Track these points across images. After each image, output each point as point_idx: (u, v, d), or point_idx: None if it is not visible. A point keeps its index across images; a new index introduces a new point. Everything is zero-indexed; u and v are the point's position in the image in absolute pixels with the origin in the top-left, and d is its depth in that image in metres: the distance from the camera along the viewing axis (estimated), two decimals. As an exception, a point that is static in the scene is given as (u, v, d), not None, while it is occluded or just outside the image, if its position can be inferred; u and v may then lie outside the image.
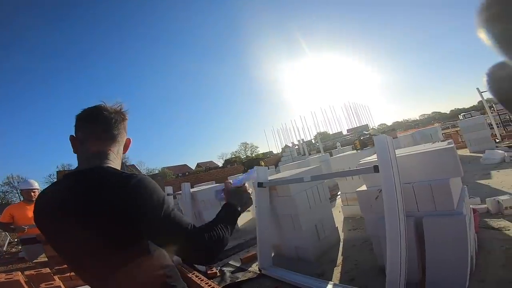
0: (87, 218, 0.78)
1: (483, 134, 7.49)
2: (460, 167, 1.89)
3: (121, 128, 0.97)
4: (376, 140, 1.77)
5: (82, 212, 0.79)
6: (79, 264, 0.88)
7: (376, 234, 2.13)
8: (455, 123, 19.89)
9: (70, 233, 0.81)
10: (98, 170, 0.86)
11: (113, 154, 0.93)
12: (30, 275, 2.21)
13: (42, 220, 0.87)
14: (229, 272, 2.96)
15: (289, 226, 2.93)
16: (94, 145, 0.91)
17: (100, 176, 0.84)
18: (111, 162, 0.91)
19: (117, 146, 0.96)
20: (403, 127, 46.12)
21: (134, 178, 0.82)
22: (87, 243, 0.79)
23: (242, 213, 1.04)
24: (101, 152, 0.91)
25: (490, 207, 2.93)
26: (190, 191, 4.27)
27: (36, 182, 3.81)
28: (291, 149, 19.72)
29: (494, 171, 4.82)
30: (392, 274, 1.64)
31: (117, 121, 0.95)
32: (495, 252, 2.12)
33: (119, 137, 0.96)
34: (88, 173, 0.85)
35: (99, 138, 0.92)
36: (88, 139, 0.91)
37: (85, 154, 0.90)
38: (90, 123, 0.92)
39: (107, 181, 0.82)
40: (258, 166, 3.01)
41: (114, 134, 0.95)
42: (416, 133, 8.18)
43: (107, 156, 0.91)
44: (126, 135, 1.01)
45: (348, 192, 3.97)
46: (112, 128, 0.94)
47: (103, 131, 0.92)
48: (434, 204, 1.86)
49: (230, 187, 1.11)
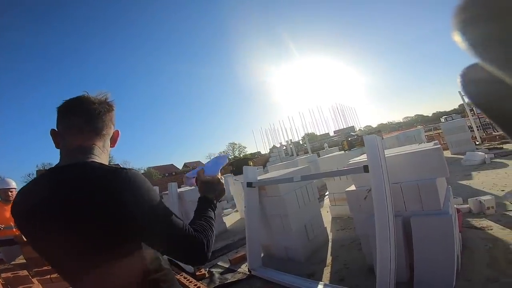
0: (69, 217, 0.71)
1: (464, 137, 7.74)
2: (446, 167, 1.94)
3: (106, 119, 0.87)
4: (366, 140, 1.79)
5: (63, 211, 0.72)
6: (62, 266, 0.81)
7: (365, 234, 2.15)
8: (437, 126, 20.51)
9: (50, 233, 0.73)
10: (82, 165, 0.77)
11: (98, 148, 0.84)
12: (7, 278, 2.11)
13: (21, 221, 0.79)
14: (218, 273, 2.92)
15: (279, 226, 2.93)
16: (77, 139, 0.81)
17: (84, 171, 0.76)
18: (96, 157, 0.82)
19: (103, 140, 0.87)
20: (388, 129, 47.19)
21: (124, 172, 0.75)
22: (69, 244, 0.72)
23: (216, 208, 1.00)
24: (84, 146, 0.82)
25: (472, 207, 3.01)
26: (177, 190, 4.21)
27: (14, 182, 3.68)
28: (279, 150, 19.77)
29: (475, 172, 4.98)
30: (382, 272, 1.66)
31: (101, 112, 0.85)
32: (479, 251, 2.17)
33: (104, 130, 0.86)
34: (70, 169, 0.77)
35: (82, 131, 0.82)
36: (70, 133, 0.82)
37: (67, 148, 0.81)
38: (71, 114, 0.83)
39: (92, 176, 0.74)
40: (247, 166, 2.99)
41: (99, 127, 0.85)
42: (400, 135, 8.37)
43: (91, 150, 0.82)
44: (114, 127, 0.92)
45: (336, 192, 4.01)
46: (96, 120, 0.84)
47: (86, 123, 0.83)
48: (421, 203, 1.89)
49: (204, 178, 1.03)
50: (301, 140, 25.15)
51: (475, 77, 0.30)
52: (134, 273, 0.79)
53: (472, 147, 7.41)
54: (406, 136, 7.94)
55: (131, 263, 0.78)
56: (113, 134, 0.92)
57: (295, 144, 22.51)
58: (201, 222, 0.86)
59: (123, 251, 0.76)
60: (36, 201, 0.76)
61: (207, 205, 0.96)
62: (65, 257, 0.76)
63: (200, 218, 0.89)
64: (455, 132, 7.84)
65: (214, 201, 0.99)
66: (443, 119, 18.81)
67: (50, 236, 0.74)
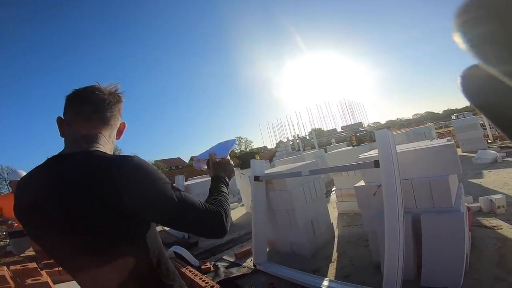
0: (70, 207, 0.69)
1: (476, 134, 7.57)
2: (459, 164, 1.89)
3: (115, 110, 0.86)
4: (377, 134, 1.75)
5: (64, 201, 0.70)
6: (62, 257, 0.79)
7: (373, 230, 2.12)
8: (448, 123, 20.15)
9: (51, 225, 0.72)
10: (86, 153, 0.76)
11: (104, 138, 0.83)
12: (16, 270, 2.13)
13: (20, 210, 0.77)
14: (223, 267, 2.93)
15: (285, 221, 2.91)
16: (83, 127, 0.81)
17: (87, 159, 0.74)
18: (100, 146, 0.81)
19: (109, 130, 0.86)
20: (397, 125, 46.62)
21: (129, 159, 0.73)
22: (69, 235, 0.70)
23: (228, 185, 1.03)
24: (90, 135, 0.81)
25: (483, 206, 2.96)
26: (184, 183, 4.22)
27: (25, 173, 3.70)
28: (285, 145, 19.72)
29: (486, 170, 4.88)
30: (389, 270, 1.63)
31: (110, 103, 0.84)
32: (488, 250, 2.13)
33: (112, 120, 0.86)
34: (73, 157, 0.75)
35: (89, 120, 0.81)
36: (77, 120, 0.81)
37: (72, 136, 0.80)
38: (80, 103, 0.82)
39: (95, 164, 0.72)
40: (254, 159, 2.97)
41: (107, 116, 0.84)
42: (410, 131, 8.22)
43: (96, 139, 0.81)
44: (121, 119, 0.91)
45: (343, 188, 3.97)
46: (104, 110, 0.83)
47: (94, 112, 0.82)
48: (432, 200, 1.85)
49: (215, 159, 1.09)
50: (308, 135, 25.02)
51: (475, 78, 0.30)
52: (136, 265, 0.76)
53: (484, 145, 7.25)
54: (416, 133, 7.80)
55: (134, 255, 0.76)
56: (119, 126, 0.91)
57: (302, 139, 22.41)
58: (217, 197, 0.89)
59: (125, 243, 0.74)
60: (36, 191, 0.74)
61: (220, 182, 0.99)
62: (65, 249, 0.74)
63: (215, 194, 0.92)
64: (467, 130, 7.67)
65: (226, 178, 1.04)
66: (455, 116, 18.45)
67: (51, 227, 0.72)
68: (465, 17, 0.27)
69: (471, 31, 0.27)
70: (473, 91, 0.31)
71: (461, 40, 0.27)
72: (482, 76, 0.28)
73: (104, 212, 0.69)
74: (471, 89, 0.31)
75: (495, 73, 0.27)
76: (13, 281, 1.96)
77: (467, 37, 0.27)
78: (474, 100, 0.32)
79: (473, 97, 0.31)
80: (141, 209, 0.72)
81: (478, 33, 0.27)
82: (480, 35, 0.27)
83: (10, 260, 3.71)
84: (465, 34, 0.27)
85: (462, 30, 0.27)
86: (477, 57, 0.27)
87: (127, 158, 0.74)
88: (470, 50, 0.27)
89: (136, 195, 0.70)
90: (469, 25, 0.27)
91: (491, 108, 0.31)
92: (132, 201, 0.69)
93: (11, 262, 3.29)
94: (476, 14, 0.26)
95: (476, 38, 0.27)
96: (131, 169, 0.72)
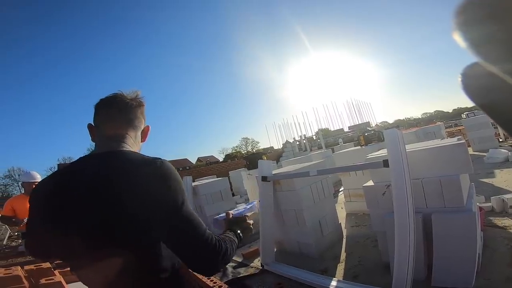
0: (95, 203, 0.73)
1: (487, 133, 7.42)
2: (471, 164, 1.86)
3: (137, 112, 0.95)
4: (386, 133, 1.73)
5: (91, 197, 0.74)
6: (75, 256, 0.81)
7: (382, 230, 2.10)
8: (458, 122, 19.79)
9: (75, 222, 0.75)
10: (115, 153, 0.83)
11: (131, 138, 0.91)
12: (30, 270, 2.16)
13: (39, 207, 0.81)
14: (231, 267, 2.93)
15: (293, 221, 2.90)
16: (110, 128, 0.89)
17: (115, 159, 0.80)
18: (127, 146, 0.88)
19: (134, 131, 0.94)
20: (405, 125, 45.99)
21: (159, 162, 0.78)
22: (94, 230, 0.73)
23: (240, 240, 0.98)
24: (117, 135, 0.88)
25: (495, 206, 2.91)
26: (192, 184, 4.24)
27: (39, 175, 3.74)
28: (292, 145, 19.66)
29: (498, 170, 4.78)
30: (399, 271, 1.61)
31: (133, 105, 0.93)
32: (500, 250, 2.10)
33: (136, 122, 0.94)
34: (103, 156, 0.82)
35: (115, 121, 0.90)
36: (104, 122, 0.90)
37: (102, 138, 0.89)
38: (106, 107, 0.91)
39: (124, 165, 0.78)
40: (261, 160, 2.97)
41: (131, 118, 0.92)
42: (419, 131, 8.12)
43: (123, 139, 0.88)
44: (145, 122, 0.99)
45: (352, 188, 3.94)
46: (128, 112, 0.92)
47: (119, 114, 0.90)
48: (443, 200, 1.82)
49: (231, 217, 1.06)
50: (314, 136, 24.88)
51: (476, 77, 0.30)
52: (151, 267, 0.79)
53: (495, 144, 7.12)
54: (425, 132, 7.70)
55: (149, 255, 0.78)
56: (144, 128, 0.99)
57: (309, 140, 22.31)
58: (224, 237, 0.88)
59: (143, 243, 0.76)
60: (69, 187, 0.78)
61: (231, 234, 0.95)
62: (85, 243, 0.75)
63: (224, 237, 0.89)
64: (478, 128, 7.52)
65: (239, 231, 0.99)
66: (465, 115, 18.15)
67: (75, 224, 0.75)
68: (465, 16, 0.27)
69: (471, 29, 0.27)
70: (474, 89, 0.32)
71: (461, 38, 0.27)
72: (483, 74, 0.28)
73: (127, 208, 0.72)
74: (472, 87, 0.32)
75: (495, 71, 0.27)
76: (27, 281, 1.99)
77: (467, 36, 0.27)
78: (475, 98, 0.32)
79: (474, 95, 0.32)
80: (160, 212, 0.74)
81: (478, 31, 0.27)
82: (480, 33, 0.27)
83: (22, 260, 3.78)
84: (465, 32, 0.27)
85: (462, 29, 0.27)
86: (478, 55, 0.27)
87: (157, 161, 0.79)
88: (471, 49, 0.27)
89: (154, 199, 0.74)
90: (469, 24, 0.27)
91: (492, 106, 0.32)
92: (155, 202, 0.73)
93: (24, 262, 3.34)
94: (476, 12, 0.27)
95: (477, 37, 0.27)
96: (159, 173, 0.77)
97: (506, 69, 0.26)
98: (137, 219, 0.72)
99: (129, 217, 0.72)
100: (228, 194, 4.97)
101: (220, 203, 4.65)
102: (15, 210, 3.46)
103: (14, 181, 37.51)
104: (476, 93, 0.32)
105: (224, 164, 18.61)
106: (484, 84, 0.30)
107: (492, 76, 0.27)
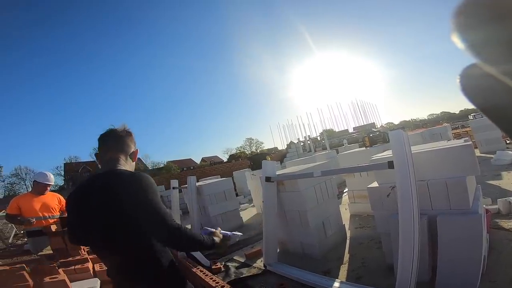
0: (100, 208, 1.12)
1: (494, 135, 7.30)
2: (477, 165, 1.83)
3: (127, 141, 1.34)
4: (391, 134, 1.72)
5: (97, 205, 1.12)
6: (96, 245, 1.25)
7: (386, 232, 2.08)
8: (464, 123, 19.55)
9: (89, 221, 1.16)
10: (113, 171, 1.22)
11: (123, 160, 1.29)
12: (34, 268, 2.19)
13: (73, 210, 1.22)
14: (234, 267, 2.93)
15: (296, 222, 2.89)
16: (108, 153, 1.29)
17: (110, 176, 1.19)
18: (121, 166, 1.26)
19: (125, 154, 1.32)
20: (411, 126, 45.60)
21: (136, 175, 1.18)
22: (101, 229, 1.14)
23: (211, 249, 1.29)
24: (113, 158, 1.27)
25: (502, 208, 2.87)
26: (196, 184, 4.25)
27: (53, 176, 3.74)
28: (296, 146, 19.63)
29: (505, 172, 4.71)
30: (403, 273, 1.59)
31: (122, 137, 1.33)
32: (506, 252, 2.07)
33: (125, 148, 1.32)
34: (104, 175, 1.22)
35: (111, 149, 1.29)
36: (105, 150, 1.30)
37: (103, 161, 1.29)
38: (105, 141, 1.31)
39: (115, 180, 1.16)
40: (265, 160, 2.96)
41: (122, 146, 1.31)
42: (425, 132, 8.03)
43: (118, 161, 1.27)
44: (135, 147, 1.37)
45: (356, 189, 3.91)
46: (119, 142, 1.31)
47: (113, 144, 1.30)
48: (449, 202, 1.80)
49: (218, 234, 1.38)
50: (319, 136, 24.81)
51: (474, 78, 0.30)
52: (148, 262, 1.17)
53: (503, 146, 7.00)
54: (431, 133, 7.61)
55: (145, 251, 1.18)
56: (133, 152, 1.36)
57: (313, 140, 22.24)
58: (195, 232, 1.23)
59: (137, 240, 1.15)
60: (81, 197, 1.20)
61: (207, 236, 1.28)
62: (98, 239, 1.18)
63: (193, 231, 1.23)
64: (485, 130, 7.39)
65: (214, 240, 1.30)
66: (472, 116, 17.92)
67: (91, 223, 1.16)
68: (464, 17, 0.27)
69: (469, 31, 0.27)
70: (472, 90, 0.31)
71: (459, 40, 0.27)
72: (481, 75, 0.28)
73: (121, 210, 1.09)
74: (470, 89, 0.31)
75: (494, 72, 0.27)
76: (31, 279, 2.01)
77: (465, 37, 0.27)
78: (473, 99, 0.32)
79: (473, 96, 0.32)
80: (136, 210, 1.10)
81: (477, 32, 0.27)
82: (479, 34, 0.27)
83: (27, 259, 3.80)
84: (464, 34, 0.27)
85: (461, 30, 0.27)
86: (477, 56, 0.27)
87: (135, 174, 1.19)
88: (469, 50, 0.27)
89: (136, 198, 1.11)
90: (468, 25, 0.27)
91: (491, 107, 0.32)
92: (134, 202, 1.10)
93: (29, 261, 3.36)
94: (475, 13, 0.26)
95: (475, 38, 0.27)
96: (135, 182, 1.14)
97: (505, 70, 0.26)
98: (128, 214, 1.08)
99: (123, 212, 1.08)
100: (232, 194, 4.97)
101: (224, 203, 4.66)
102: (20, 208, 3.47)
103: (21, 179, 38.01)
104: (474, 95, 0.32)
105: (228, 164, 18.66)
106: (483, 85, 0.30)
107: (490, 77, 0.27)
